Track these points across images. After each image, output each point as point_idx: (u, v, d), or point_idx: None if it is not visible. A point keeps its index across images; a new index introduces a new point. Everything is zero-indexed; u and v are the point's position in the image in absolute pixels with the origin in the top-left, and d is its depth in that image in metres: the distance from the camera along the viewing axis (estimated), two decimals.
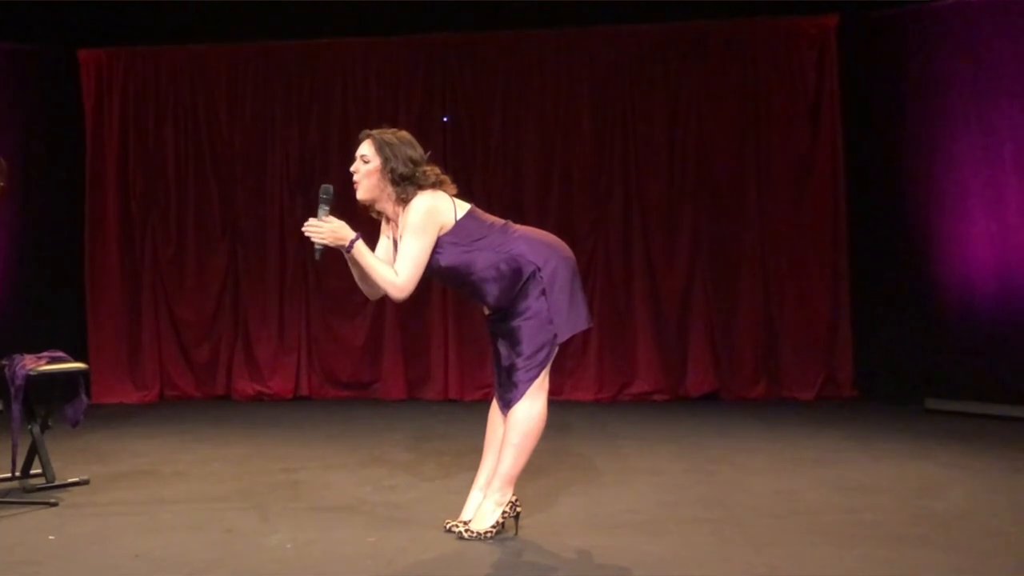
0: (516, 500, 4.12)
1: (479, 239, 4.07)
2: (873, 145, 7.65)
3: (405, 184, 4.03)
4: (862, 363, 7.78)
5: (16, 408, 4.91)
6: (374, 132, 4.13)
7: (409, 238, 3.99)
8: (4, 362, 5.06)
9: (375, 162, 4.06)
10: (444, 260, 4.05)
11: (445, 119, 8.07)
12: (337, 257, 8.18)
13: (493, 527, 4.07)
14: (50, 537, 4.24)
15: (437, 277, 4.17)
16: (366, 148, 4.08)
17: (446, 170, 4.18)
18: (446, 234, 4.03)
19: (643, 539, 4.08)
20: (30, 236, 8.02)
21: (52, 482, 5.06)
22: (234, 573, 3.78)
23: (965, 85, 7.00)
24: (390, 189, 4.06)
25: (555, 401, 7.48)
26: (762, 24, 7.88)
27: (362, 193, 4.09)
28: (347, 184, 4.13)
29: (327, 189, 4.05)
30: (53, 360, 5.12)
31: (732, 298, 7.92)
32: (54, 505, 4.75)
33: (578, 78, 8.01)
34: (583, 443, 6.17)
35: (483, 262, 4.05)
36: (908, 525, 4.23)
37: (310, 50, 8.26)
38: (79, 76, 8.28)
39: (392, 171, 4.03)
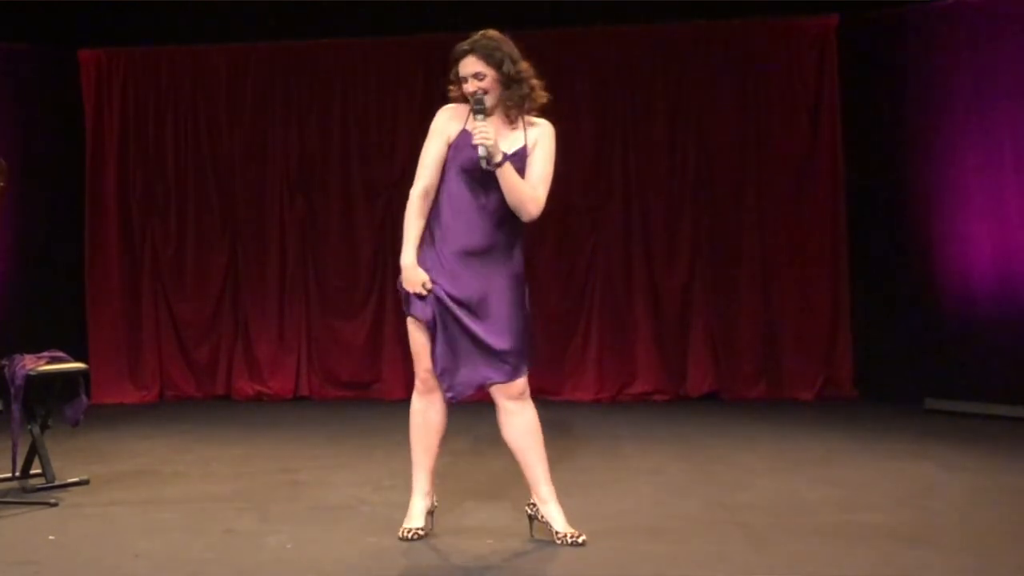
0: (532, 502, 4.10)
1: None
2: (873, 145, 7.65)
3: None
4: (862, 363, 7.78)
5: (16, 408, 4.90)
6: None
7: (547, 162, 4.05)
8: (4, 362, 5.05)
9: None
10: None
11: None
12: (338, 256, 8.21)
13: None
14: (50, 537, 4.23)
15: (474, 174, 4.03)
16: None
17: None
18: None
19: (643, 539, 4.08)
20: (30, 236, 8.01)
21: (52, 482, 5.05)
22: (234, 573, 3.78)
23: (965, 85, 7.00)
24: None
25: (555, 401, 7.57)
26: (762, 24, 7.87)
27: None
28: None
29: (480, 99, 4.02)
30: (53, 360, 5.12)
31: (732, 298, 7.91)
32: (54, 505, 4.75)
33: (578, 78, 8.00)
34: (583, 443, 6.17)
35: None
36: (908, 525, 4.23)
37: (310, 50, 8.25)
38: (79, 76, 8.27)
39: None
